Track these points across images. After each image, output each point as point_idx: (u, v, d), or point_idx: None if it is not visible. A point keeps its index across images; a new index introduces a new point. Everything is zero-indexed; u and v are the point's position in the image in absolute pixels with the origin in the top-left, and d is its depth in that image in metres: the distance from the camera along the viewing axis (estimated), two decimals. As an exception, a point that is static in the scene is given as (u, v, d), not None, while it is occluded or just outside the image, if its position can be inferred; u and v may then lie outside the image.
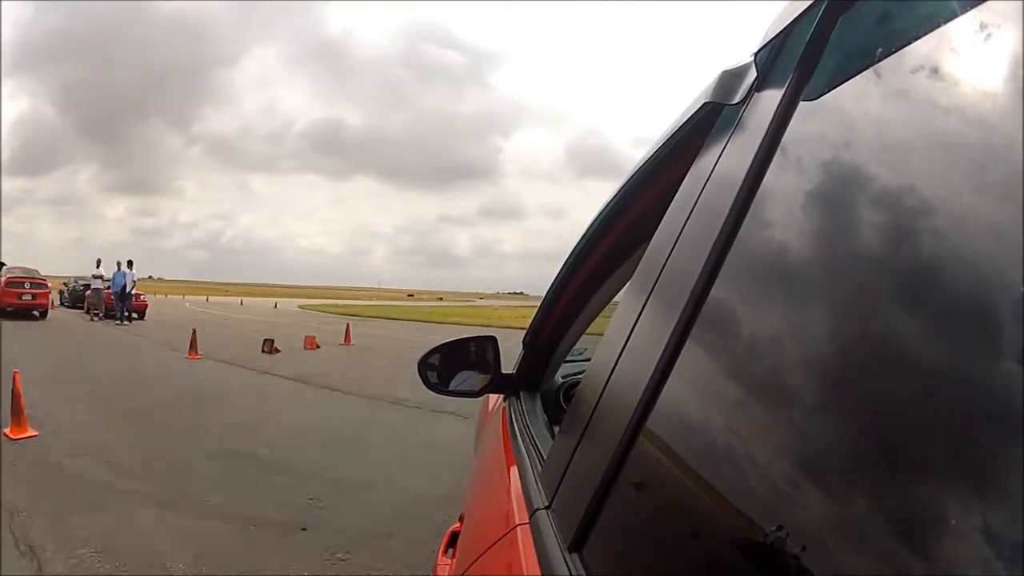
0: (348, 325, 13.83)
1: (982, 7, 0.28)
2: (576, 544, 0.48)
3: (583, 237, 1.03)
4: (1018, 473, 0.20)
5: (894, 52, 0.33)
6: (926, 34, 0.31)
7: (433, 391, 1.39)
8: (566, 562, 0.48)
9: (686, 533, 0.39)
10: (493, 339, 1.39)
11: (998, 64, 0.27)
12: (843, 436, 0.28)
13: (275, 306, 33.66)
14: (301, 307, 34.40)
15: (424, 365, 1.38)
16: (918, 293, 0.27)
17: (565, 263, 1.13)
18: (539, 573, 0.52)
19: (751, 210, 0.41)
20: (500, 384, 1.36)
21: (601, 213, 0.95)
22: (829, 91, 0.38)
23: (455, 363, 1.40)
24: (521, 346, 1.38)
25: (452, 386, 1.39)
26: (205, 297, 48.09)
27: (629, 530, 0.45)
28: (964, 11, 0.29)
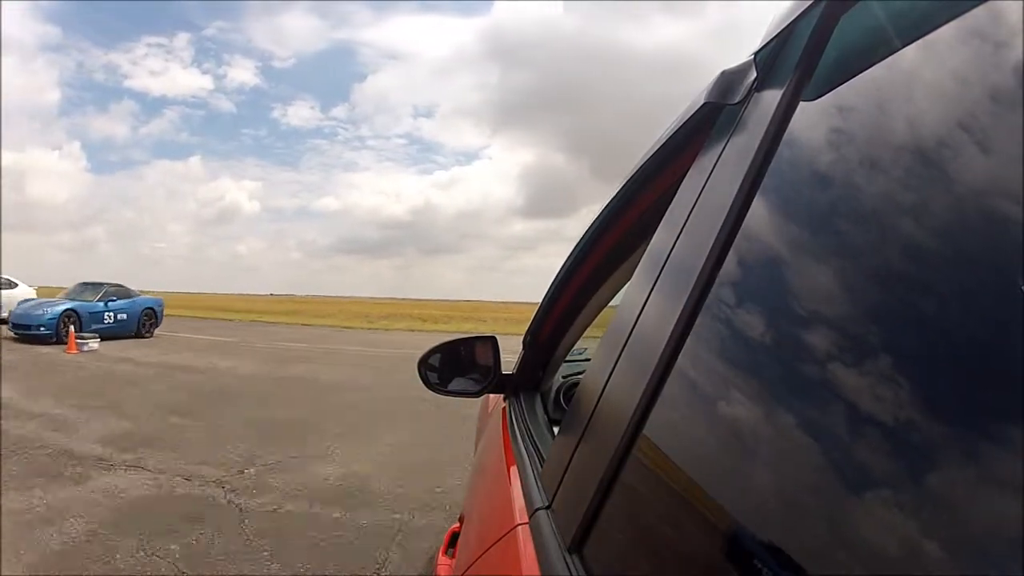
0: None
1: (982, 7, 0.28)
2: (576, 544, 0.48)
3: (583, 237, 1.03)
4: (1019, 474, 0.20)
5: (894, 52, 0.33)
6: (926, 34, 0.31)
7: (433, 391, 1.39)
8: (566, 562, 0.48)
9: (686, 533, 0.39)
10: (493, 339, 1.39)
11: (998, 64, 0.27)
12: (845, 437, 0.28)
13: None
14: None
15: (424, 365, 1.38)
16: (919, 292, 0.27)
17: (565, 263, 1.12)
18: (539, 573, 0.52)
19: (751, 210, 0.41)
20: (500, 384, 1.36)
21: (601, 213, 0.95)
22: (829, 91, 0.38)
23: (455, 363, 1.40)
24: (521, 346, 1.38)
25: (452, 386, 1.39)
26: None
27: (629, 530, 0.45)
28: (964, 11, 0.29)
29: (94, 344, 9.79)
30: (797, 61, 0.42)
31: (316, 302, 66.18)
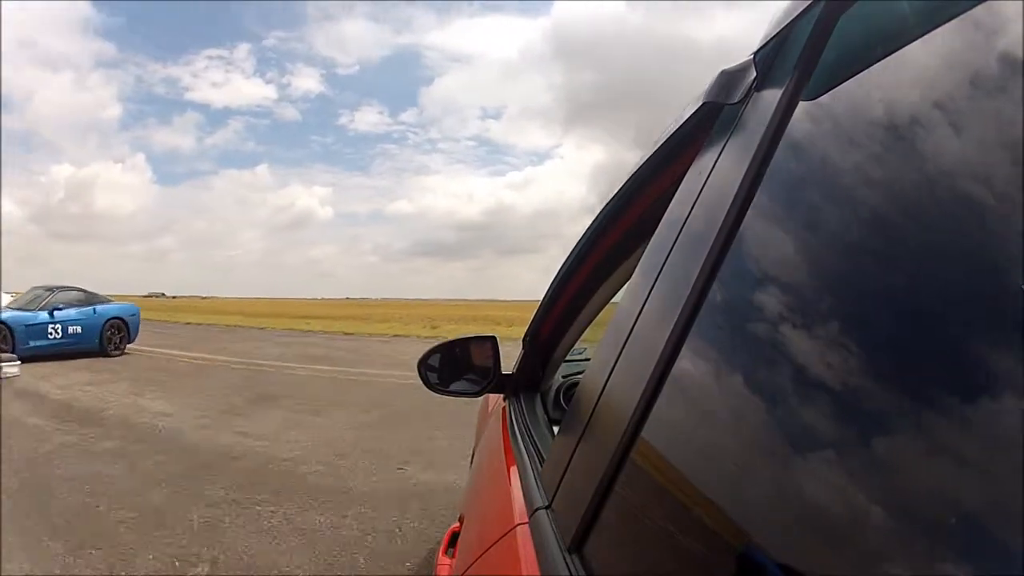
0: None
1: (981, 6, 0.28)
2: (576, 544, 0.48)
3: (583, 236, 1.03)
4: (1018, 475, 0.20)
5: (893, 51, 0.33)
6: (926, 34, 0.31)
7: (433, 391, 1.39)
8: (566, 562, 0.48)
9: (686, 533, 0.39)
10: (493, 339, 1.39)
11: (998, 64, 0.27)
12: (846, 437, 0.28)
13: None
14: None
15: (424, 365, 1.39)
16: (920, 292, 0.27)
17: (565, 262, 1.13)
18: (539, 573, 0.52)
19: (751, 210, 0.41)
20: (500, 384, 1.36)
21: (601, 213, 0.95)
22: (829, 91, 0.38)
23: (455, 363, 1.41)
24: (521, 346, 1.38)
25: (452, 386, 1.39)
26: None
27: (629, 530, 0.45)
28: (964, 11, 0.29)
29: (12, 369, 7.24)
30: (797, 60, 0.42)
31: (388, 305, 65.05)
